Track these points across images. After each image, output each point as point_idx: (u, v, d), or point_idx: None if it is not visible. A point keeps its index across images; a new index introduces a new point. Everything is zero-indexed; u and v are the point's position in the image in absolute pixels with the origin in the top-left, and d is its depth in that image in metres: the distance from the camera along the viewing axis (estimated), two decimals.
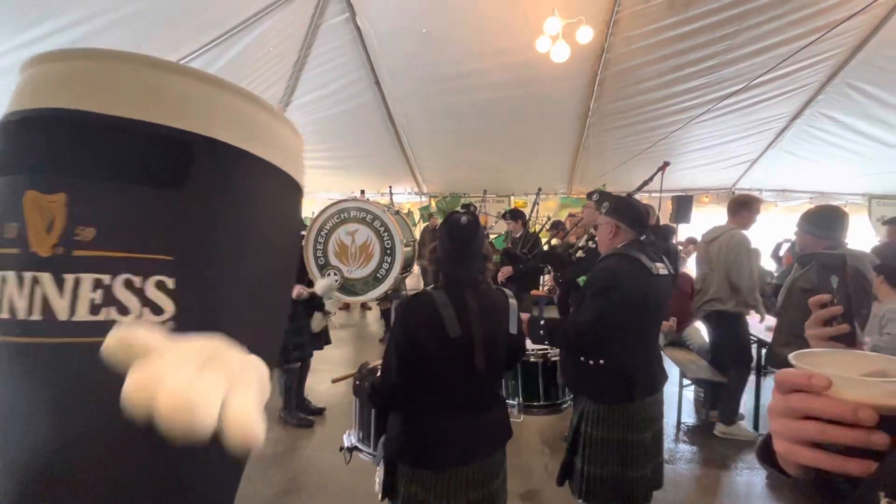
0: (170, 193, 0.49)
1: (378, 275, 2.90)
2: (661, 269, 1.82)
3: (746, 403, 3.33)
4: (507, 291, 1.53)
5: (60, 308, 0.49)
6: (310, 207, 7.51)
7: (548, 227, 5.08)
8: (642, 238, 1.90)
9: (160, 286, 0.49)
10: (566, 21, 4.34)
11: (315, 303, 3.12)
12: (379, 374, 1.44)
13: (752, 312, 3.34)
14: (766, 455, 0.57)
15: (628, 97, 5.98)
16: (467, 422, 1.38)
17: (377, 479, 1.42)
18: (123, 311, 0.52)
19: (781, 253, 6.68)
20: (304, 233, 2.89)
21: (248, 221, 0.63)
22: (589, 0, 4.58)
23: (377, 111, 6.65)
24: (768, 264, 6.29)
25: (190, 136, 0.50)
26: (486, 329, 1.37)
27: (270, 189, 0.70)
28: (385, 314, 5.63)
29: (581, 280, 1.93)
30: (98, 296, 0.50)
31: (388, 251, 2.86)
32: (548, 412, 2.09)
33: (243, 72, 5.34)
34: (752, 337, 3.49)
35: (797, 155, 6.85)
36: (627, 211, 1.88)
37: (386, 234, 2.81)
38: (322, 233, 2.83)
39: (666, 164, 2.98)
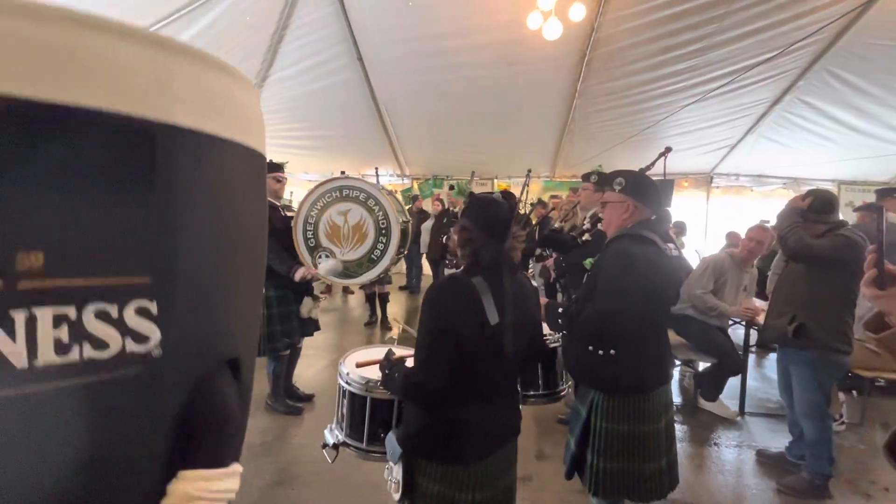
0: (135, 200, 0.39)
1: (373, 256, 2.78)
2: (673, 250, 1.75)
3: (731, 384, 3.39)
4: (527, 276, 1.46)
5: (14, 353, 0.37)
6: (287, 188, 7.23)
7: (534, 207, 5.04)
8: (653, 217, 1.83)
9: (142, 312, 0.40)
10: None
11: (305, 287, 2.98)
12: (412, 366, 1.32)
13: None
14: None
15: (616, 79, 5.92)
16: (494, 410, 1.32)
17: (392, 480, 1.32)
18: (100, 345, 0.40)
19: None
20: (291, 214, 2.74)
21: (222, 215, 0.52)
22: None
23: (359, 88, 6.39)
24: None
25: (151, 125, 0.39)
26: (517, 314, 1.29)
27: (239, 171, 0.56)
28: (370, 298, 5.51)
29: (588, 263, 1.84)
30: (64, 333, 0.38)
31: (384, 231, 2.74)
32: (546, 401, 2.03)
33: (215, 43, 5.02)
34: (736, 321, 3.55)
35: (774, 140, 7.00)
36: (645, 188, 1.78)
37: (381, 213, 2.68)
38: (312, 213, 2.68)
39: (668, 149, 2.94)
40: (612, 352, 1.66)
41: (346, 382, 1.73)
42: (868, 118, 6.19)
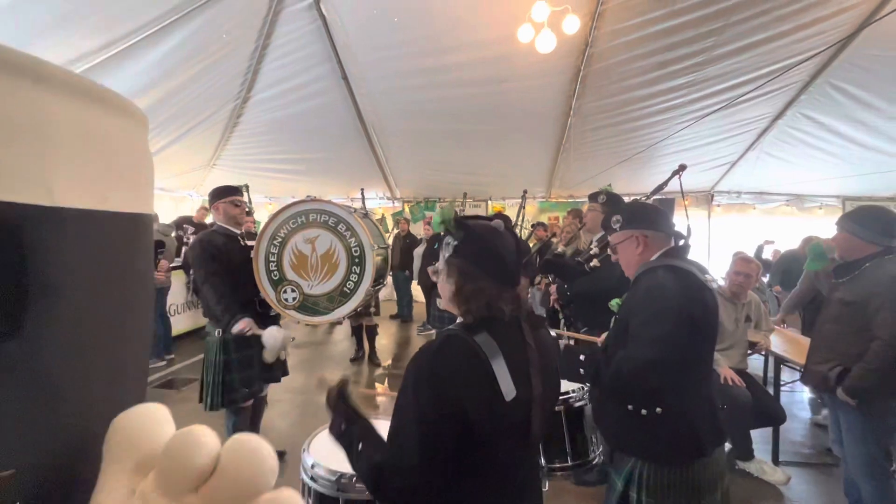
0: None
1: (345, 289, 2.41)
2: (711, 282, 1.47)
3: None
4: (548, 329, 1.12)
5: None
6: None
7: (533, 230, 4.70)
8: (672, 244, 1.52)
9: None
10: (552, 9, 3.99)
11: (270, 325, 2.58)
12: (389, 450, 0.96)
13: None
14: None
15: (611, 95, 5.71)
16: None
17: None
18: None
19: (764, 256, 6.58)
20: (252, 243, 2.37)
21: (98, 330, 0.44)
22: None
23: (345, 109, 6.15)
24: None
25: (25, 211, 0.32)
26: (545, 380, 0.99)
27: (124, 258, 0.46)
28: (356, 330, 5.09)
29: (614, 304, 1.52)
30: None
31: (357, 260, 2.38)
32: (578, 476, 1.64)
33: (189, 63, 4.75)
34: (762, 353, 3.18)
35: (776, 157, 6.78)
36: (647, 214, 1.53)
37: (353, 239, 2.33)
38: (275, 241, 2.32)
39: (682, 167, 2.63)
40: (657, 410, 1.33)
41: (311, 478, 1.33)
42: (873, 132, 5.98)
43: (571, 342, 2.42)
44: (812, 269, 2.85)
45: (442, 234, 1.07)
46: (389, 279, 6.44)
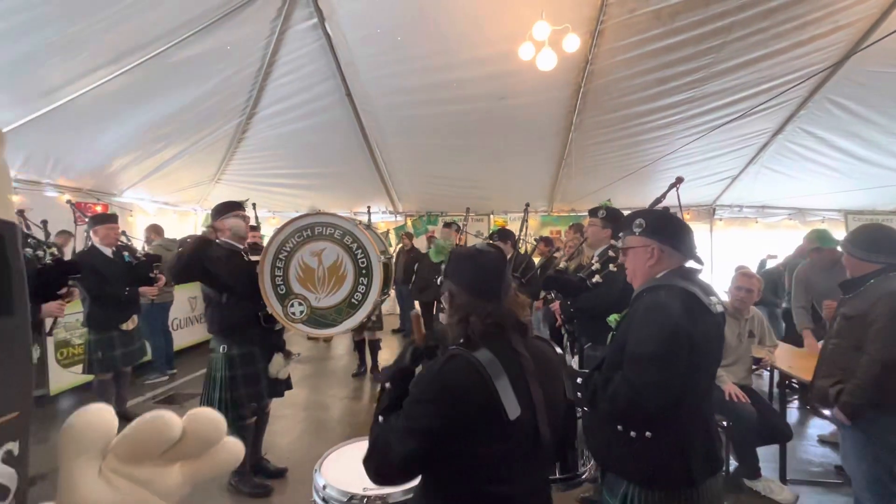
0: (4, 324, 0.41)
1: (353, 300, 2.41)
2: (717, 305, 1.41)
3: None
4: (549, 341, 1.15)
5: None
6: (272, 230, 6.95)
7: (537, 244, 4.71)
8: (686, 264, 1.49)
9: (7, 458, 0.41)
10: (553, 28, 4.07)
11: (274, 341, 2.59)
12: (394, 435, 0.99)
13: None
14: None
15: (612, 111, 5.77)
16: None
17: None
18: None
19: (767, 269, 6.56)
20: (257, 258, 2.39)
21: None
22: (574, 8, 4.35)
23: (349, 125, 6.23)
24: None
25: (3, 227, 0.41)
26: (544, 384, 1.02)
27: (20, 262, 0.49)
28: (358, 346, 5.07)
29: (612, 319, 1.50)
30: None
31: (364, 271, 2.39)
32: (565, 487, 1.62)
33: (195, 79, 4.83)
34: (767, 369, 3.16)
35: (777, 171, 6.82)
36: (672, 228, 1.47)
37: (360, 251, 2.34)
38: (281, 255, 2.33)
39: (679, 179, 2.65)
40: (647, 434, 1.31)
41: (323, 499, 1.31)
42: (872, 147, 6.02)
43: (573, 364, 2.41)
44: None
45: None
46: (392, 292, 6.46)
